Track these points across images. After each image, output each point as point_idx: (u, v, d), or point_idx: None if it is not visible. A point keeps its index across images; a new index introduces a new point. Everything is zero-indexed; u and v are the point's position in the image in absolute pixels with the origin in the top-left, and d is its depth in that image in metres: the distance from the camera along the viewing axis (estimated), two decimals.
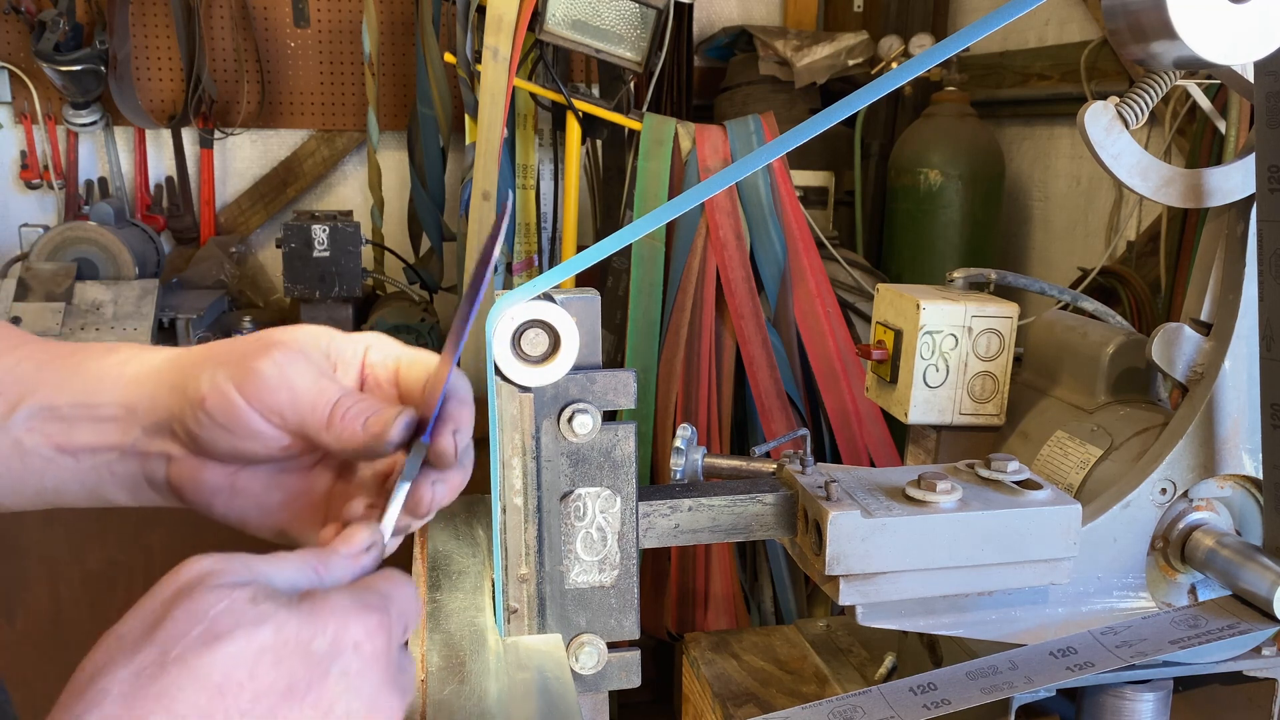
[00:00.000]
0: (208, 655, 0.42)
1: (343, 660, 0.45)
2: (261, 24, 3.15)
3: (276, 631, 0.44)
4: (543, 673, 0.72)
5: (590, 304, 0.73)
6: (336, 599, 0.47)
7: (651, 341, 2.21)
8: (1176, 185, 0.90)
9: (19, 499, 0.64)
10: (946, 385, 1.08)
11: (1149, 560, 0.94)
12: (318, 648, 0.45)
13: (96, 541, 2.38)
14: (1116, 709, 0.95)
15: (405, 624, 0.50)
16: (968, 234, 2.75)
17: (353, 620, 0.46)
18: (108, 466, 0.62)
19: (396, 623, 0.49)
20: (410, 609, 0.51)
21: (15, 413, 0.61)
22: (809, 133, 0.59)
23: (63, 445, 0.61)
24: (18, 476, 0.62)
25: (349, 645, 0.46)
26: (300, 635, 0.44)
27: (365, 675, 0.46)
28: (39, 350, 0.64)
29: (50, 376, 0.62)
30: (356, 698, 0.45)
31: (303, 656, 0.44)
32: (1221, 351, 0.91)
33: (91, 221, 2.80)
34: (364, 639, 0.46)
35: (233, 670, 0.42)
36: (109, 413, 0.61)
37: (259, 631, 0.43)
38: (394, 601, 0.49)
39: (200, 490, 0.62)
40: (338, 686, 0.45)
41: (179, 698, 0.41)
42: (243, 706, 0.42)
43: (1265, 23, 0.77)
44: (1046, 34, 2.78)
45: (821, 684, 1.12)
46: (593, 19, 2.20)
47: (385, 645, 0.47)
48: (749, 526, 0.85)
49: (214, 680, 0.42)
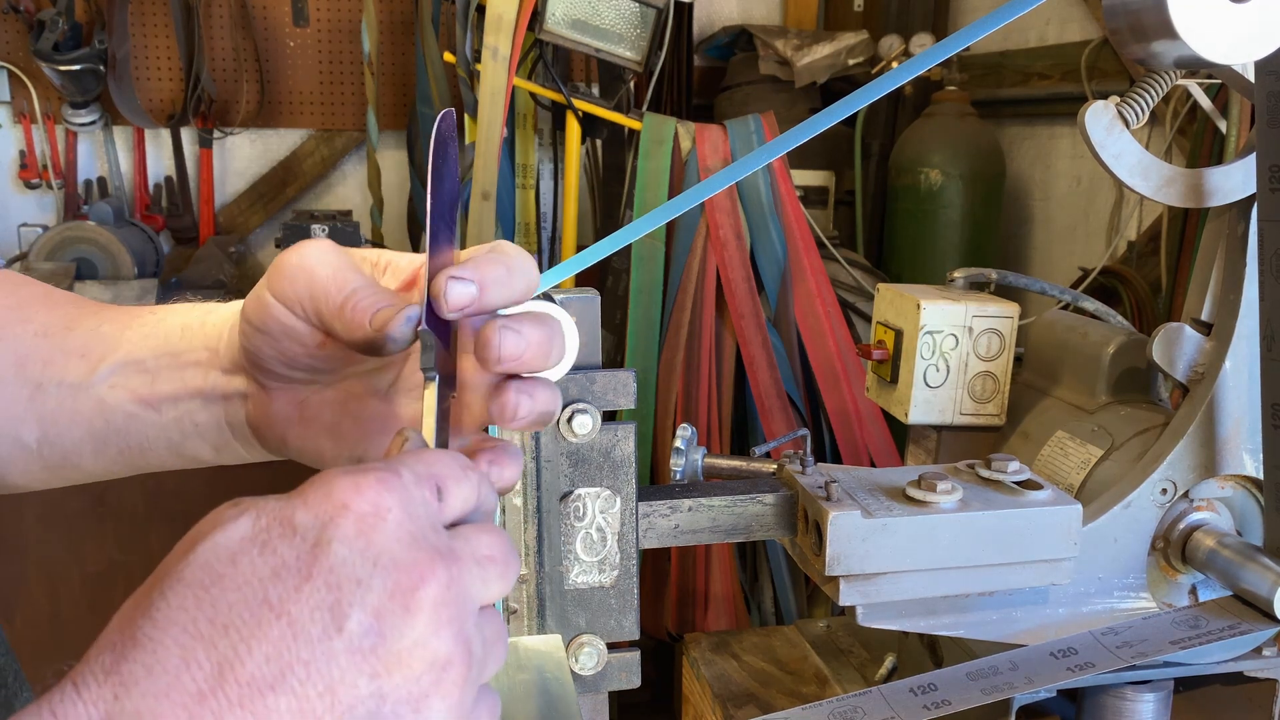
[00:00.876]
0: (187, 559, 0.38)
1: (335, 525, 0.39)
2: (261, 23, 3.15)
3: (256, 519, 0.39)
4: (542, 673, 0.72)
5: (590, 304, 0.73)
6: (323, 474, 0.41)
7: (651, 341, 2.21)
8: (1177, 185, 0.90)
9: (101, 460, 0.63)
10: (947, 385, 1.08)
11: (1150, 560, 0.94)
12: (302, 522, 0.39)
13: (96, 542, 2.38)
14: (1117, 709, 0.95)
15: (435, 482, 0.43)
16: (968, 234, 2.75)
17: (339, 483, 0.40)
18: (190, 417, 0.61)
19: (414, 481, 0.42)
20: (438, 468, 0.43)
21: (97, 371, 0.60)
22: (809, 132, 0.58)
23: (145, 398, 0.60)
24: (100, 436, 0.61)
25: (337, 509, 0.39)
26: (282, 514, 0.39)
27: (368, 534, 0.39)
28: (122, 313, 0.63)
29: (133, 335, 0.61)
30: (362, 561, 0.38)
31: (287, 535, 0.39)
32: (1222, 351, 0.91)
33: (91, 221, 2.80)
34: (356, 500, 0.39)
35: (212, 564, 0.38)
36: (191, 358, 0.60)
37: (236, 524, 0.39)
38: (404, 463, 0.42)
39: (273, 425, 0.59)
40: (338, 555, 0.38)
41: (161, 606, 0.37)
42: (229, 598, 0.37)
43: (1266, 22, 0.77)
44: (1047, 33, 2.78)
45: (822, 684, 1.11)
46: (592, 18, 2.19)
47: (397, 502, 0.40)
48: (749, 527, 0.85)
49: (196, 577, 0.38)
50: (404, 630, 0.39)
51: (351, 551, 0.39)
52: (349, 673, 0.38)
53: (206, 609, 0.37)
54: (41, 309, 0.64)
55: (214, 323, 0.61)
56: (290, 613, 0.37)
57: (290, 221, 2.68)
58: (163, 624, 0.37)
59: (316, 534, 0.39)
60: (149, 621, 0.37)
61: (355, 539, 0.39)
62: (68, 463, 0.64)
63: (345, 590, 0.38)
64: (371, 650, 0.38)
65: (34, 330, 0.63)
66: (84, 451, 0.62)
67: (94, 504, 2.37)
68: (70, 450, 0.63)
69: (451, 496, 0.44)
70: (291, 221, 2.68)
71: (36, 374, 0.61)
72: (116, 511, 2.37)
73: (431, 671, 0.39)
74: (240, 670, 0.36)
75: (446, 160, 0.51)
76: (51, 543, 2.37)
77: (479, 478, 0.45)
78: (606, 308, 2.24)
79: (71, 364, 0.61)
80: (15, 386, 0.61)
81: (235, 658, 0.37)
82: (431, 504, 0.42)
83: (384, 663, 0.38)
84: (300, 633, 0.37)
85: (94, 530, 2.38)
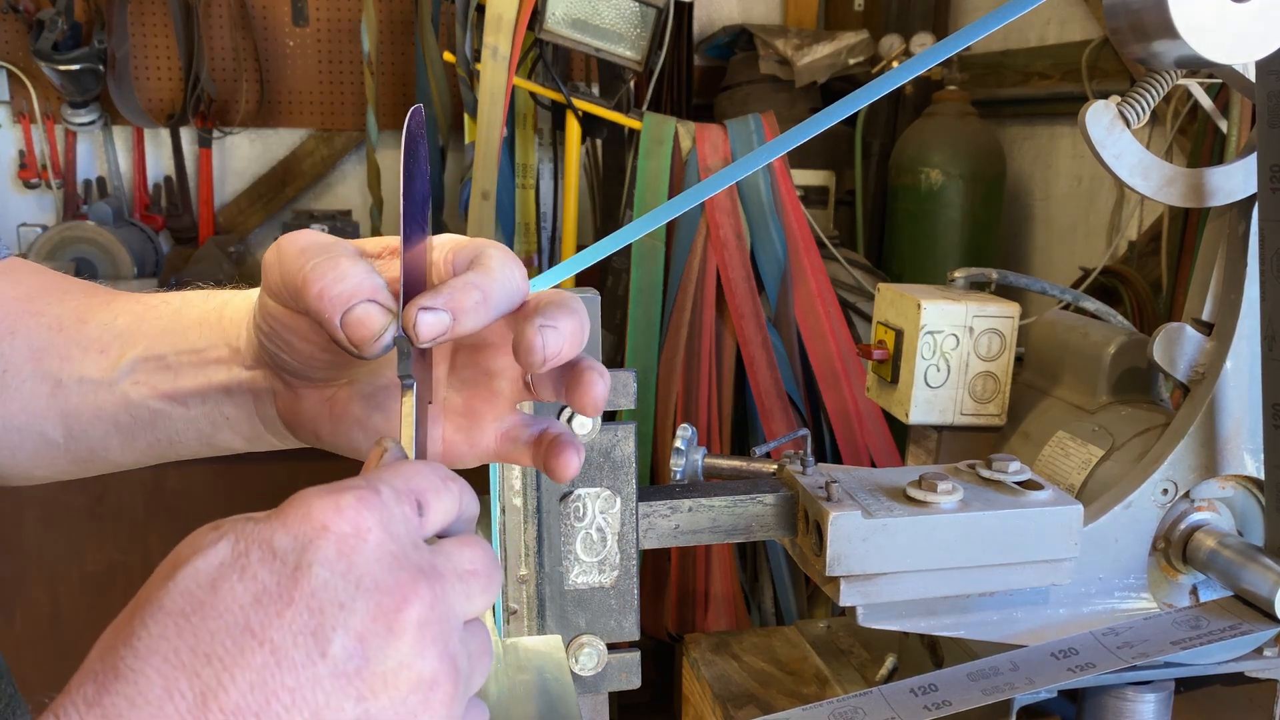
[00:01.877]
0: (167, 586, 0.38)
1: (314, 548, 0.38)
2: (260, 23, 3.15)
3: (235, 543, 0.39)
4: (542, 674, 0.71)
5: (590, 304, 0.73)
6: (302, 495, 0.40)
7: (651, 341, 2.21)
8: (1178, 185, 0.90)
9: (131, 453, 0.63)
10: (948, 385, 1.08)
11: (1150, 561, 0.94)
12: (281, 545, 0.38)
13: (95, 542, 2.38)
14: (1118, 710, 0.95)
15: (416, 498, 0.42)
16: (969, 233, 2.75)
17: (317, 505, 0.39)
18: (219, 410, 0.60)
19: (394, 498, 0.41)
20: (418, 481, 0.43)
21: (118, 366, 0.60)
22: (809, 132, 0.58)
23: (170, 394, 0.59)
24: (127, 430, 0.61)
25: (317, 531, 0.39)
26: (261, 536, 0.39)
27: (349, 556, 0.38)
28: (133, 302, 0.63)
29: (150, 329, 0.60)
30: (344, 584, 0.38)
31: (266, 559, 0.38)
32: (1223, 351, 0.91)
33: (90, 221, 2.80)
34: (335, 521, 0.39)
35: (193, 591, 0.38)
36: (213, 355, 0.59)
37: (215, 550, 0.38)
38: (383, 479, 0.42)
39: (304, 422, 0.59)
40: (319, 578, 0.38)
41: (142, 635, 0.37)
42: (210, 626, 0.37)
43: (1266, 22, 0.77)
44: (1047, 33, 2.78)
45: (822, 685, 1.11)
46: (592, 18, 2.19)
47: (376, 522, 0.40)
48: (749, 527, 0.85)
49: (176, 605, 0.37)
50: (388, 652, 0.38)
51: (333, 574, 0.38)
52: (334, 697, 0.37)
53: (188, 638, 0.37)
54: (53, 300, 0.64)
55: (231, 317, 0.60)
56: (273, 639, 0.37)
57: (290, 221, 2.68)
58: (144, 654, 0.37)
59: (297, 557, 0.38)
60: (130, 651, 0.37)
61: (336, 561, 0.38)
62: (95, 456, 0.63)
63: (328, 614, 0.38)
64: (356, 673, 0.38)
65: (47, 323, 0.62)
66: (111, 445, 0.62)
67: (94, 504, 2.37)
68: (97, 444, 0.62)
69: (432, 510, 0.43)
70: (291, 221, 2.68)
71: (55, 369, 0.61)
72: (116, 511, 2.37)
73: (418, 691, 0.39)
74: (224, 699, 0.36)
75: (417, 158, 0.51)
76: (51, 543, 2.37)
77: (459, 488, 0.45)
78: (606, 308, 2.24)
79: (90, 359, 0.61)
80: (34, 382, 0.61)
81: (219, 686, 0.36)
82: (412, 520, 0.42)
83: (369, 685, 0.38)
84: (283, 659, 0.37)
85: (94, 530, 2.38)
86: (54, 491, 2.32)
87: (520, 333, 0.50)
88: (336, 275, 0.49)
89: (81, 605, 2.38)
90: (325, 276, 0.49)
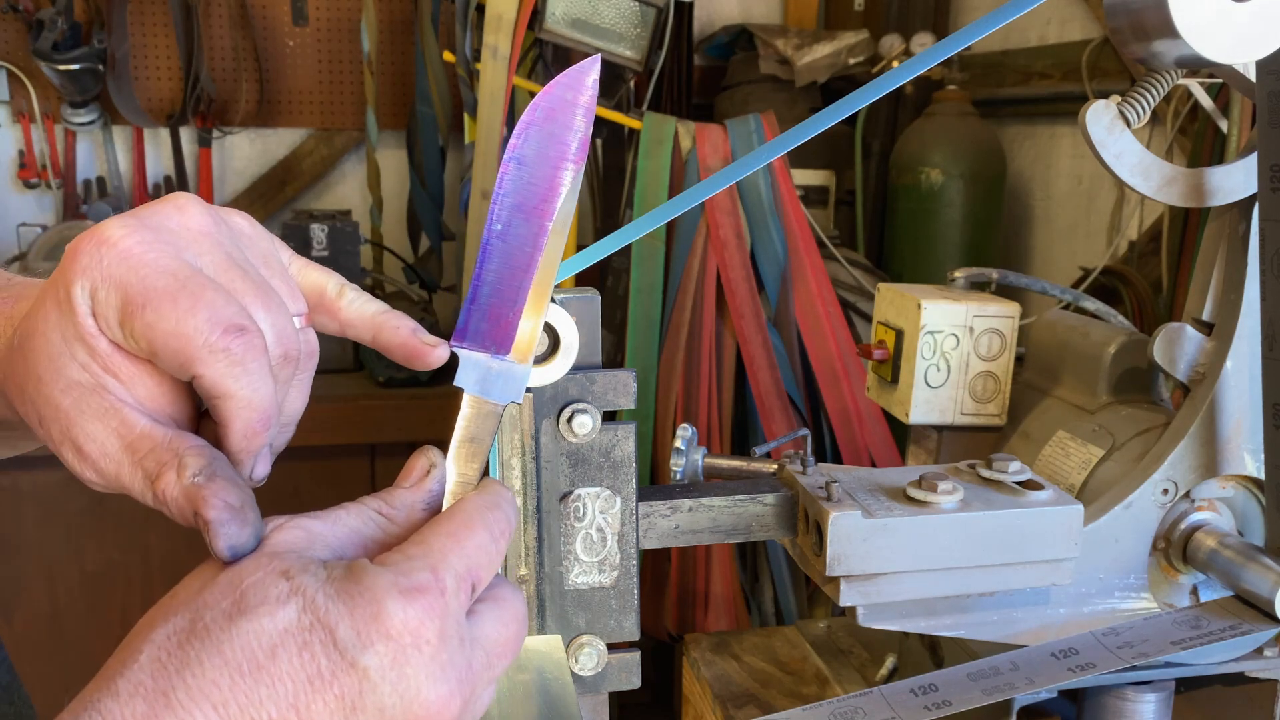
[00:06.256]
0: (231, 630, 0.40)
1: (374, 652, 0.41)
2: (260, 23, 3.15)
3: (301, 613, 0.41)
4: (542, 674, 0.71)
5: (590, 304, 0.73)
6: (374, 579, 0.42)
7: (651, 341, 2.21)
8: (1178, 184, 0.90)
9: None
10: (948, 385, 1.07)
11: (1151, 561, 0.94)
12: (343, 637, 0.41)
13: (96, 541, 2.38)
14: (1118, 710, 0.95)
15: (472, 580, 0.45)
16: (969, 233, 2.74)
17: (387, 607, 0.42)
18: None
19: (455, 590, 0.44)
20: (477, 558, 0.46)
21: None
22: (809, 132, 0.58)
23: None
24: None
25: (380, 636, 0.41)
26: (327, 619, 0.41)
27: (402, 667, 0.42)
28: None
29: None
30: (391, 691, 0.41)
31: (327, 645, 0.41)
32: (1223, 351, 0.91)
33: (90, 221, 2.80)
34: (400, 630, 0.42)
35: (254, 650, 0.40)
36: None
37: (283, 610, 0.41)
38: (449, 568, 0.44)
39: None
40: (367, 680, 0.41)
41: (198, 673, 0.39)
42: (262, 693, 0.40)
43: (1267, 21, 0.76)
44: (1048, 33, 2.78)
45: (822, 685, 1.11)
46: (592, 17, 2.19)
47: (436, 631, 0.42)
48: (749, 527, 0.85)
49: (235, 659, 0.40)
50: None
51: (383, 680, 0.41)
52: None
53: (240, 696, 0.40)
54: None
55: None
56: (312, 717, 0.41)
57: (290, 221, 2.67)
58: (196, 695, 0.39)
59: (354, 654, 0.41)
60: (183, 684, 0.39)
61: (390, 669, 0.42)
62: None
63: (369, 715, 0.41)
64: None
65: None
66: None
67: (94, 504, 2.36)
68: None
69: (481, 585, 0.47)
70: (291, 221, 2.67)
71: None
72: (116, 511, 2.37)
73: None
74: None
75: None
76: (51, 543, 2.37)
77: (506, 543, 0.49)
78: (606, 308, 2.24)
79: None
80: None
81: None
82: (464, 609, 0.45)
83: None
84: None
85: (94, 530, 2.38)
86: (54, 491, 2.32)
87: None
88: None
89: (81, 605, 2.38)
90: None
